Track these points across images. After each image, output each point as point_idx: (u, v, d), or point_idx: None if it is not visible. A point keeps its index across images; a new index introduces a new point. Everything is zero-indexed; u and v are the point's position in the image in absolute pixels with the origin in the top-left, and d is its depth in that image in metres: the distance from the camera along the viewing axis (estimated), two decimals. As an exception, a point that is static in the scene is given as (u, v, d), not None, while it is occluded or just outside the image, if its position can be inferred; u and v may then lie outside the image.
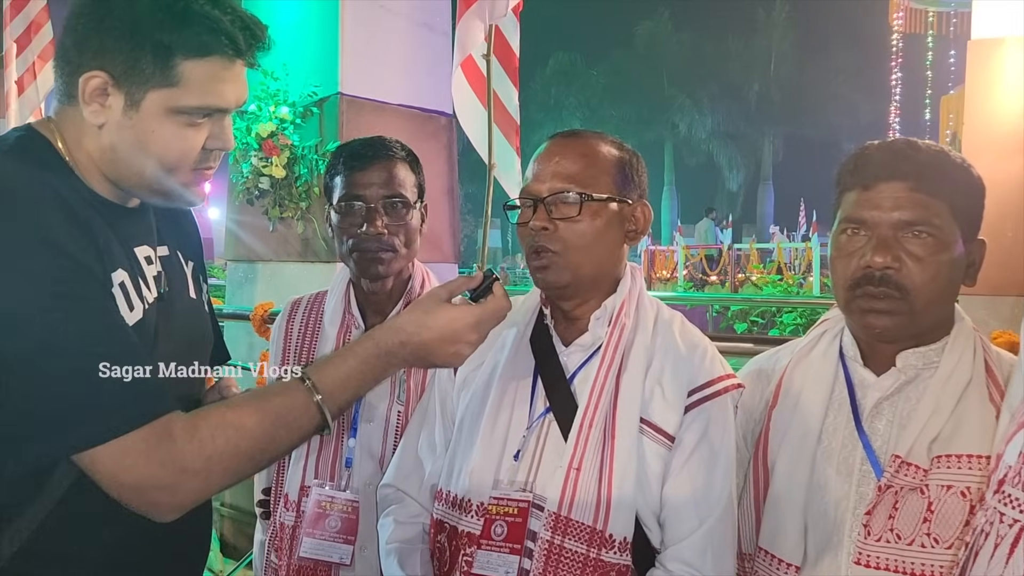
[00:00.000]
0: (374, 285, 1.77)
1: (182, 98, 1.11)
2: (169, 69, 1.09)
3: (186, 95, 1.11)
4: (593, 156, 1.39)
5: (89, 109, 1.11)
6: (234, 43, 1.12)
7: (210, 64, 1.12)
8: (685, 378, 1.35)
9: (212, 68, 1.12)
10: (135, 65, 1.08)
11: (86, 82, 1.10)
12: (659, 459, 1.32)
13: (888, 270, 1.25)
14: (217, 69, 1.13)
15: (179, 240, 1.35)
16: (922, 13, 10.70)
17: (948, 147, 1.32)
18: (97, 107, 1.11)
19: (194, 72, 1.10)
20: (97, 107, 1.11)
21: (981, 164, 3.01)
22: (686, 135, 28.61)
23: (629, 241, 1.43)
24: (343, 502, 1.69)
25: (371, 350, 1.18)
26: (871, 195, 1.28)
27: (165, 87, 1.10)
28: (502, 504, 1.34)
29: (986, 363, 1.30)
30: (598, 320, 1.40)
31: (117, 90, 1.10)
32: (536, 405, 1.40)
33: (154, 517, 1.06)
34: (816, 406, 1.36)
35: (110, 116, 1.11)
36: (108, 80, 1.09)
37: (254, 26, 1.15)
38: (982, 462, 1.21)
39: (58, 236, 1.03)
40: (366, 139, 1.78)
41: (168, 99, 1.10)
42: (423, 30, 4.51)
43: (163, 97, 1.10)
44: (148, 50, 1.08)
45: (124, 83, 1.09)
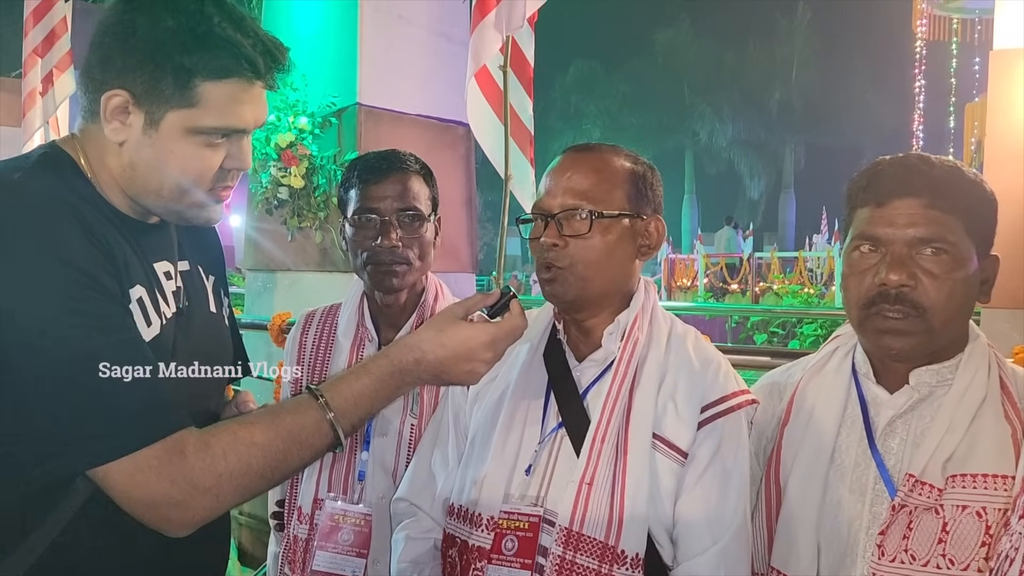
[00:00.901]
0: (388, 298, 1.78)
1: (201, 119, 1.13)
2: (189, 90, 1.11)
3: (205, 116, 1.13)
4: (606, 171, 1.38)
5: (110, 127, 1.13)
6: (253, 66, 1.14)
7: (229, 86, 1.13)
8: (698, 394, 1.34)
9: (231, 90, 1.13)
10: (156, 85, 1.10)
11: (107, 100, 1.12)
12: (672, 475, 1.31)
13: (904, 288, 1.23)
14: (236, 91, 1.14)
15: (200, 254, 1.37)
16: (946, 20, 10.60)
17: (961, 162, 1.30)
18: (118, 125, 1.13)
19: (213, 94, 1.12)
20: (118, 125, 1.13)
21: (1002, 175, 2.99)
22: (707, 143, 28.51)
23: (642, 256, 1.42)
24: (356, 515, 1.70)
25: (386, 368, 1.18)
26: (885, 212, 1.26)
27: (184, 108, 1.12)
28: (513, 518, 1.33)
29: (1001, 380, 1.28)
30: (611, 335, 1.39)
31: (137, 109, 1.12)
32: (548, 420, 1.40)
33: (166, 533, 1.07)
34: (829, 424, 1.35)
35: (130, 134, 1.13)
36: (129, 99, 1.11)
37: (275, 49, 1.16)
38: (998, 481, 1.19)
39: (75, 253, 1.04)
40: (380, 152, 1.79)
41: (187, 119, 1.12)
42: (441, 40, 4.53)
43: (182, 117, 1.12)
44: (169, 71, 1.10)
45: (144, 102, 1.11)
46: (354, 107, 4.13)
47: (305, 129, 4.11)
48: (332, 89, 4.16)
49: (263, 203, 4.23)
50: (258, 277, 4.63)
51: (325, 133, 4.16)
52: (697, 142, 28.83)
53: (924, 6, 10.19)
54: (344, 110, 4.17)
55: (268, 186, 4.16)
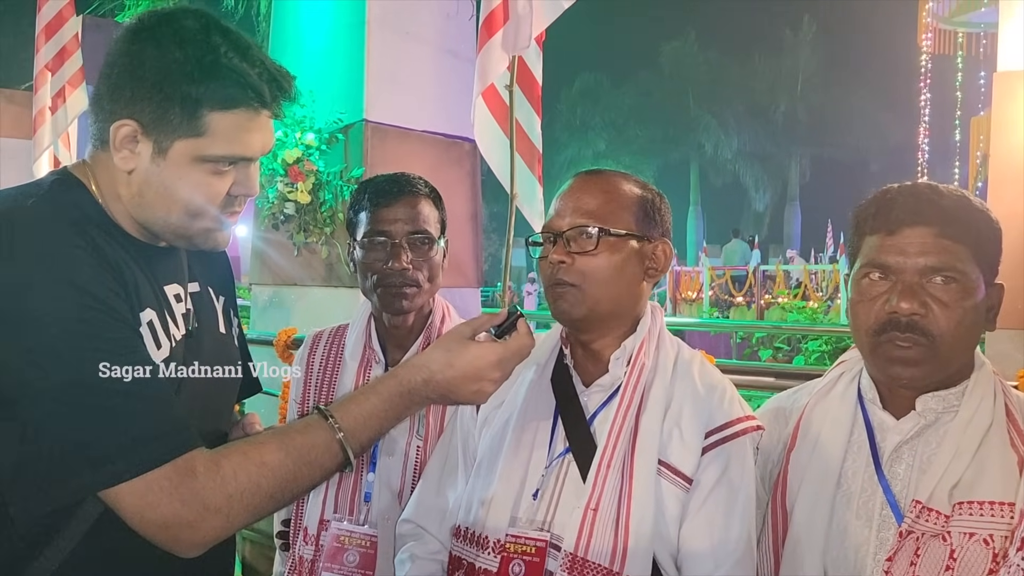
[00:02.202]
0: (395, 319, 1.79)
1: (208, 148, 1.14)
2: (196, 120, 1.12)
3: (212, 145, 1.14)
4: (614, 193, 1.40)
5: (119, 155, 1.15)
6: (260, 96, 1.15)
7: (236, 116, 1.15)
8: (703, 419, 1.35)
9: (238, 119, 1.15)
10: (163, 115, 1.12)
11: (117, 130, 1.13)
12: (677, 501, 1.32)
13: (915, 316, 1.23)
14: (243, 120, 1.15)
15: (210, 275, 1.38)
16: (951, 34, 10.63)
17: (968, 192, 1.31)
18: (127, 153, 1.15)
19: (220, 123, 1.14)
20: (127, 153, 1.15)
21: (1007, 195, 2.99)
22: (712, 155, 28.55)
23: (649, 279, 1.43)
24: (361, 536, 1.70)
25: (394, 388, 1.18)
26: (896, 240, 1.27)
27: (192, 137, 1.13)
28: (520, 542, 1.34)
29: (1007, 407, 1.29)
30: (617, 360, 1.40)
31: (146, 138, 1.13)
32: (556, 444, 1.40)
33: (177, 553, 1.07)
34: (835, 449, 1.35)
35: (139, 163, 1.15)
36: (138, 128, 1.13)
37: (281, 78, 1.18)
38: (1004, 509, 1.19)
39: (86, 278, 1.06)
40: (390, 176, 1.81)
41: (194, 148, 1.14)
42: (448, 57, 4.56)
43: (190, 146, 1.14)
44: (176, 101, 1.11)
45: (152, 132, 1.13)
46: (361, 123, 4.16)
47: (312, 145, 4.13)
48: (339, 105, 4.19)
49: (269, 218, 4.25)
50: (264, 291, 4.65)
51: (332, 149, 4.18)
52: (703, 154, 28.88)
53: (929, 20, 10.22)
54: (351, 126, 4.19)
55: (275, 201, 4.18)
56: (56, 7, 4.75)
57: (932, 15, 10.06)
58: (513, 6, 2.86)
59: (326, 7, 4.45)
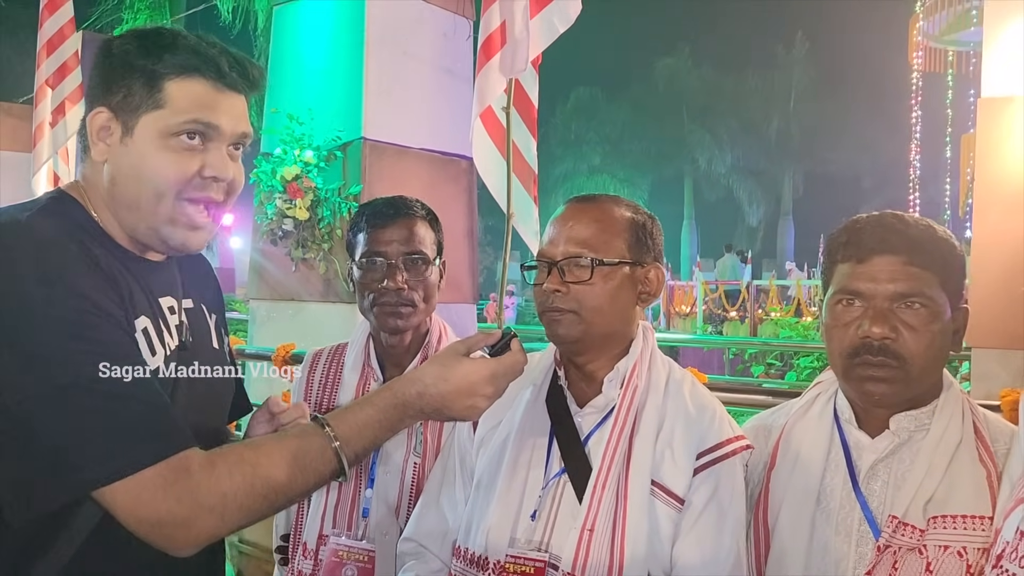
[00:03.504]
0: (392, 339, 1.84)
1: (169, 117, 1.17)
2: (157, 92, 1.17)
3: (172, 114, 1.17)
4: (606, 221, 1.44)
5: (96, 149, 1.19)
6: (215, 65, 1.19)
7: (193, 84, 1.19)
8: (695, 440, 1.38)
9: (196, 88, 1.19)
10: (128, 94, 1.17)
11: (92, 120, 1.19)
12: (669, 521, 1.35)
13: (886, 340, 1.30)
14: (203, 90, 1.19)
15: (202, 293, 1.42)
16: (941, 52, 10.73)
17: (933, 221, 1.38)
18: (103, 146, 1.19)
19: (179, 92, 1.18)
20: (103, 146, 1.19)
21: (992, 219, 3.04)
22: (706, 170, 28.69)
23: (642, 303, 1.47)
24: (359, 551, 1.74)
25: (389, 400, 1.21)
26: (866, 268, 1.33)
27: (153, 109, 1.17)
28: (519, 563, 1.37)
29: (975, 425, 1.35)
30: (611, 382, 1.44)
31: (115, 121, 1.18)
32: (551, 465, 1.43)
33: (170, 552, 1.07)
34: (814, 467, 1.41)
35: (111, 151, 1.19)
36: (109, 115, 1.18)
37: (241, 58, 1.23)
38: (975, 522, 1.26)
39: (82, 283, 1.09)
40: (388, 198, 1.86)
41: (157, 120, 1.17)
42: (445, 76, 4.63)
43: (153, 119, 1.17)
44: (138, 77, 1.17)
45: (121, 113, 1.18)
46: (359, 141, 4.22)
47: (310, 162, 4.19)
48: (338, 123, 4.25)
49: (268, 234, 4.31)
50: (261, 306, 4.70)
51: (330, 166, 4.25)
52: (696, 168, 29.00)
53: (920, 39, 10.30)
54: (349, 144, 4.25)
55: (273, 217, 4.23)
56: (57, 24, 4.82)
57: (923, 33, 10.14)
58: (510, 30, 2.92)
59: (325, 27, 4.52)
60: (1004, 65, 3.03)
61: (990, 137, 3.06)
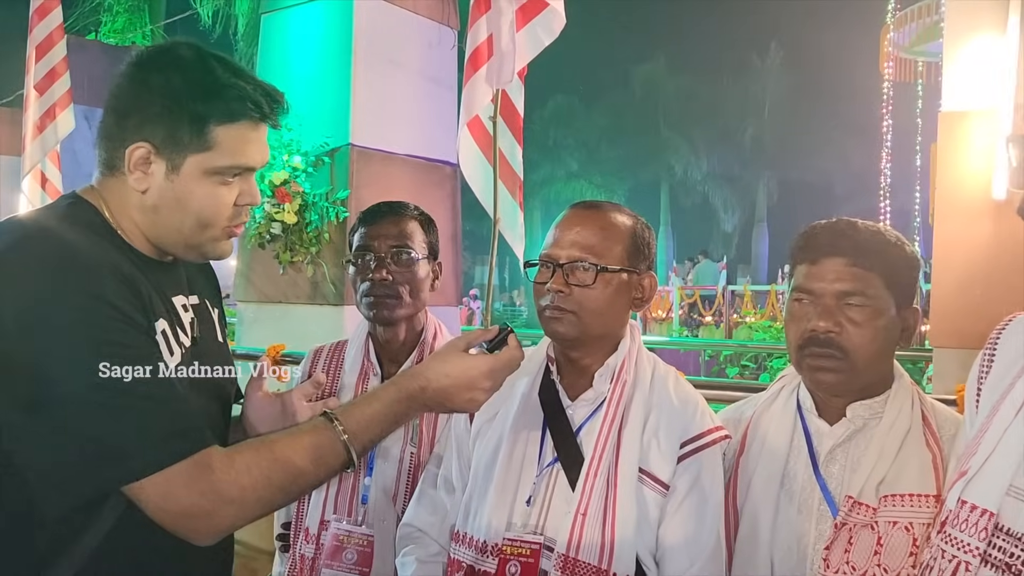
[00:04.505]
0: (387, 333, 1.95)
1: (216, 160, 1.25)
2: (204, 135, 1.23)
3: (219, 157, 1.25)
4: (610, 228, 1.53)
5: (133, 177, 1.25)
6: (259, 107, 1.26)
7: (239, 128, 1.26)
8: (678, 431, 1.50)
9: (241, 131, 1.26)
10: (174, 134, 1.22)
11: (131, 153, 1.23)
12: (656, 505, 1.47)
13: (830, 333, 1.44)
14: (246, 132, 1.26)
15: (205, 289, 1.50)
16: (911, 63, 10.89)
17: (884, 226, 1.52)
18: (140, 175, 1.25)
19: (226, 136, 1.24)
20: (140, 175, 1.25)
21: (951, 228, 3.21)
22: (682, 176, 28.84)
23: (635, 307, 1.57)
24: (359, 536, 1.85)
25: (393, 395, 1.29)
26: (817, 269, 1.48)
27: (201, 152, 1.24)
28: (516, 545, 1.47)
29: (923, 413, 1.49)
30: (601, 377, 1.54)
31: (159, 158, 1.24)
32: (545, 455, 1.53)
33: (193, 542, 1.16)
34: (778, 453, 1.54)
35: (152, 181, 1.25)
36: (151, 150, 1.23)
37: (273, 92, 1.31)
38: (922, 500, 1.39)
39: (109, 292, 1.15)
40: (386, 202, 2.00)
41: (204, 162, 1.24)
42: (430, 84, 4.75)
43: (200, 160, 1.24)
44: (185, 120, 1.22)
45: (165, 151, 1.23)
46: (346, 147, 4.33)
47: (299, 167, 4.29)
48: (325, 130, 4.36)
49: (256, 237, 4.39)
50: (249, 308, 4.78)
51: (318, 171, 4.35)
52: (672, 175, 29.13)
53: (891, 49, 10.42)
54: (337, 150, 4.36)
55: (261, 221, 4.32)
56: (47, 29, 4.87)
57: (893, 44, 10.28)
58: (497, 43, 3.04)
59: (313, 35, 4.62)
60: (963, 81, 3.18)
61: (949, 149, 3.20)
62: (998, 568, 0.98)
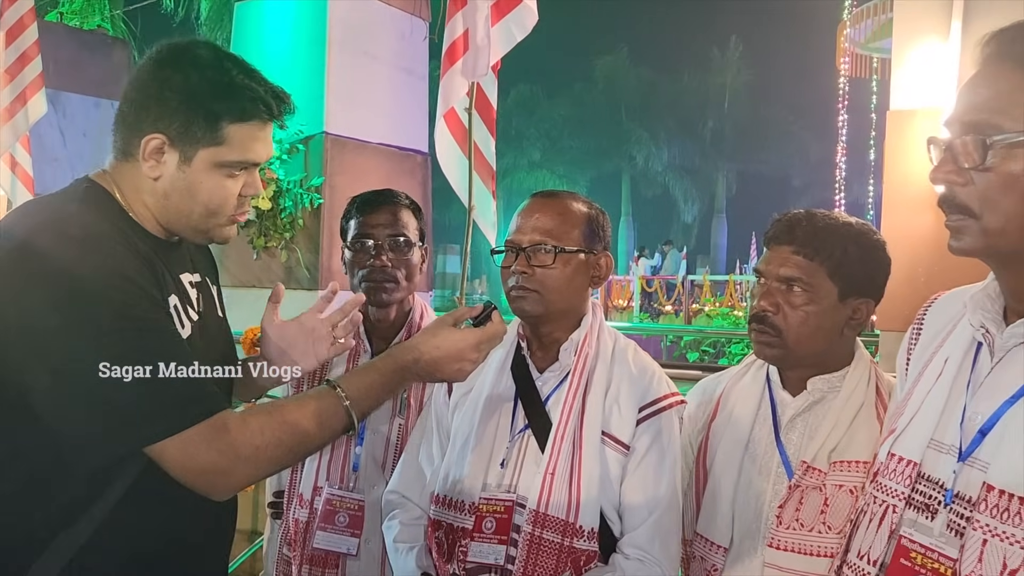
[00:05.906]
0: (379, 313, 2.07)
1: (226, 155, 1.34)
2: (217, 131, 1.32)
3: (229, 152, 1.33)
4: (567, 214, 1.66)
5: (147, 165, 1.33)
6: (269, 109, 1.35)
7: (249, 126, 1.34)
8: (637, 396, 1.63)
9: (251, 130, 1.35)
10: (188, 129, 1.31)
11: (146, 143, 1.31)
12: (618, 464, 1.60)
13: (766, 312, 1.60)
14: (255, 130, 1.35)
15: (205, 267, 1.60)
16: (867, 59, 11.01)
17: (857, 221, 1.63)
18: (154, 163, 1.33)
19: (237, 133, 1.33)
20: (154, 163, 1.33)
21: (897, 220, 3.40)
22: (643, 167, 29.02)
23: (594, 285, 1.71)
24: (351, 501, 1.97)
25: (390, 365, 1.40)
26: (770, 254, 1.64)
27: (213, 146, 1.32)
28: (491, 503, 1.60)
29: (877, 388, 1.63)
30: (566, 351, 1.67)
31: (172, 149, 1.32)
32: (517, 422, 1.67)
33: (211, 497, 1.27)
34: (745, 420, 1.69)
35: (165, 171, 1.33)
36: (165, 141, 1.31)
37: (282, 94, 1.41)
38: (866, 467, 1.52)
39: (129, 269, 1.25)
40: (377, 190, 2.11)
41: (215, 156, 1.33)
42: (403, 75, 4.83)
43: (211, 154, 1.33)
44: (200, 117, 1.31)
45: (179, 143, 1.32)
46: (321, 135, 4.40)
47: (273, 155, 4.34)
48: (300, 118, 4.39)
49: (230, 222, 4.44)
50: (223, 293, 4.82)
51: (292, 159, 4.41)
52: (634, 166, 29.30)
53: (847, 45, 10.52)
54: (311, 138, 4.43)
55: (236, 207, 4.37)
56: (18, 13, 4.82)
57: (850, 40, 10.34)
58: (473, 37, 3.16)
59: (287, 25, 4.68)
60: (910, 81, 3.35)
61: (896, 146, 3.37)
62: (919, 509, 1.11)
